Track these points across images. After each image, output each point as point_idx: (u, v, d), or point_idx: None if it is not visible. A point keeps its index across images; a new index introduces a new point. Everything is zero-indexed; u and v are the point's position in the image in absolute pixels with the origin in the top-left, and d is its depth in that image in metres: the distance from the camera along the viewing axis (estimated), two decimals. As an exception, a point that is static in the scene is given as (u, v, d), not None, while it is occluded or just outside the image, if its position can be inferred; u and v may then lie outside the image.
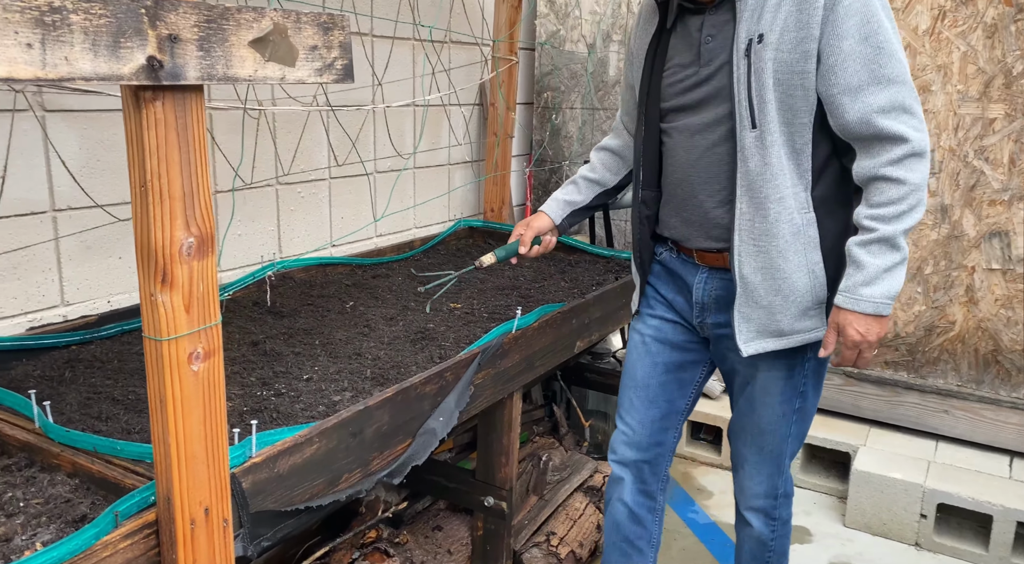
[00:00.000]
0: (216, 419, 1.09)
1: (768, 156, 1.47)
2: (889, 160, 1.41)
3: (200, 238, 1.03)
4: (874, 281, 1.42)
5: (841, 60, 1.41)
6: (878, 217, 1.42)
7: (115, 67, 0.89)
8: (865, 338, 1.45)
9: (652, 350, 1.78)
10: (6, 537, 1.03)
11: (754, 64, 1.45)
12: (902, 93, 1.41)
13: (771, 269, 1.52)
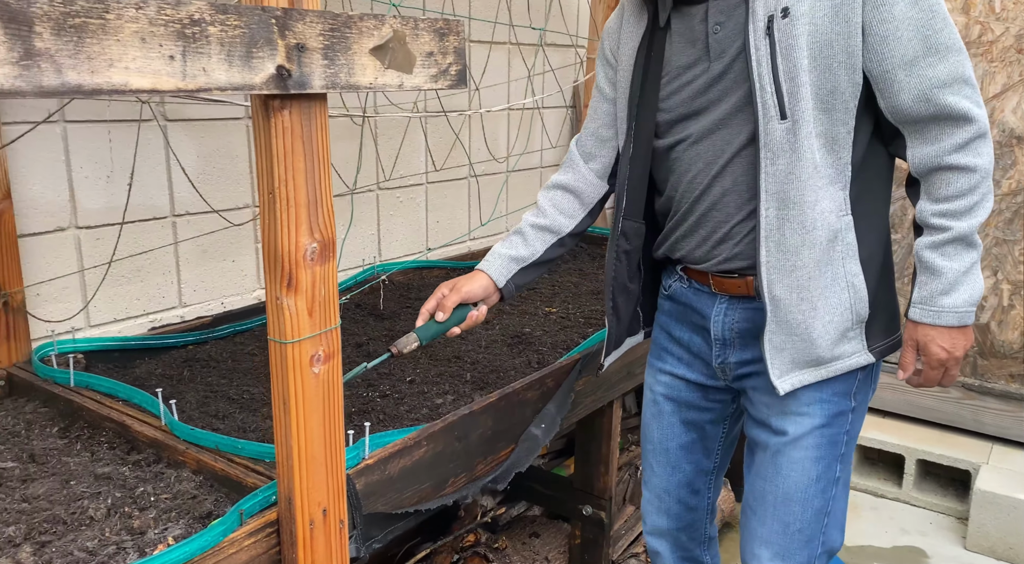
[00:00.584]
0: (334, 421, 1.11)
1: (801, 151, 1.21)
2: (955, 145, 1.19)
3: (322, 243, 1.05)
4: (954, 288, 1.22)
5: (894, 29, 1.16)
6: (949, 213, 1.21)
7: (248, 77, 0.91)
8: (952, 354, 1.25)
9: (665, 410, 1.52)
10: (141, 530, 1.07)
11: (780, 42, 1.20)
12: (961, 62, 1.18)
13: (806, 286, 1.26)
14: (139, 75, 0.81)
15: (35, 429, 1.38)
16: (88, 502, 1.13)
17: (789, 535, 1.35)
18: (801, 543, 1.35)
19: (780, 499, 1.35)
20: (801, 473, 1.33)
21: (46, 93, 0.75)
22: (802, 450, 1.33)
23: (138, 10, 0.80)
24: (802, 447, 1.33)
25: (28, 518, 1.09)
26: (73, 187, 1.66)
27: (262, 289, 2.10)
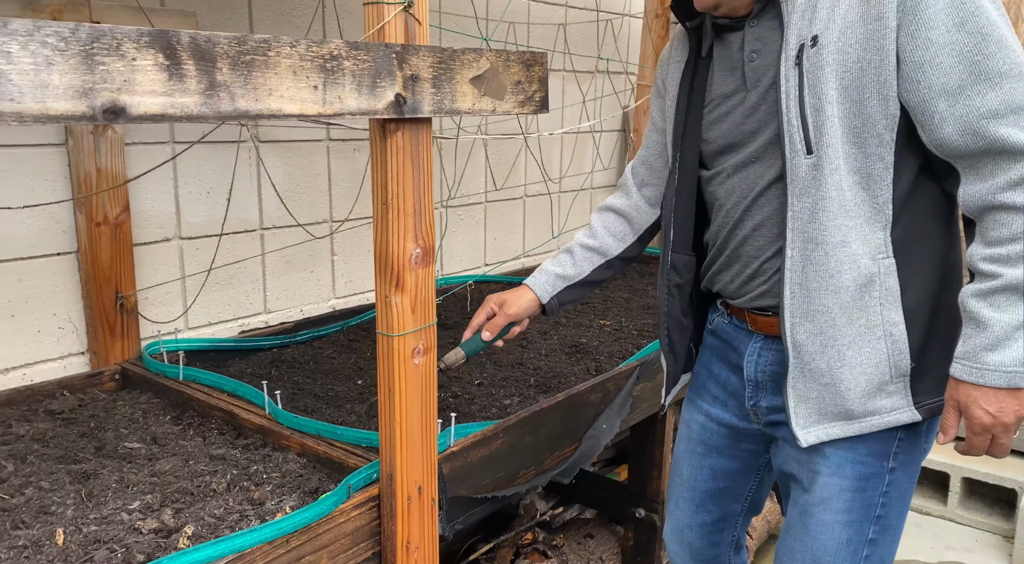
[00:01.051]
0: (429, 409, 1.24)
1: (825, 188, 1.14)
2: (1010, 182, 1.06)
3: (424, 249, 1.19)
4: (1002, 343, 1.07)
5: (932, 55, 1.06)
6: (1000, 258, 1.07)
7: (372, 103, 1.06)
8: (999, 420, 1.08)
9: (697, 451, 1.46)
10: (260, 501, 1.21)
11: (807, 73, 1.13)
12: (1020, 90, 1.05)
13: (830, 333, 1.17)
14: (291, 102, 0.96)
15: (151, 417, 1.53)
16: (210, 478, 1.27)
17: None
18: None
19: (808, 560, 1.27)
20: (830, 537, 1.24)
21: (222, 117, 0.91)
22: (831, 513, 1.24)
23: (292, 48, 0.95)
24: (831, 510, 1.24)
25: (161, 489, 1.23)
26: (179, 201, 1.84)
27: (337, 298, 2.25)
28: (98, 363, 1.70)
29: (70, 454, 1.35)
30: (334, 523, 1.17)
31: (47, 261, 1.63)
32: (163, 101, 0.85)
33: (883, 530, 1.25)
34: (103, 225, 1.65)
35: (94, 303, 1.67)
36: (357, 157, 2.21)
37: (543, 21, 2.74)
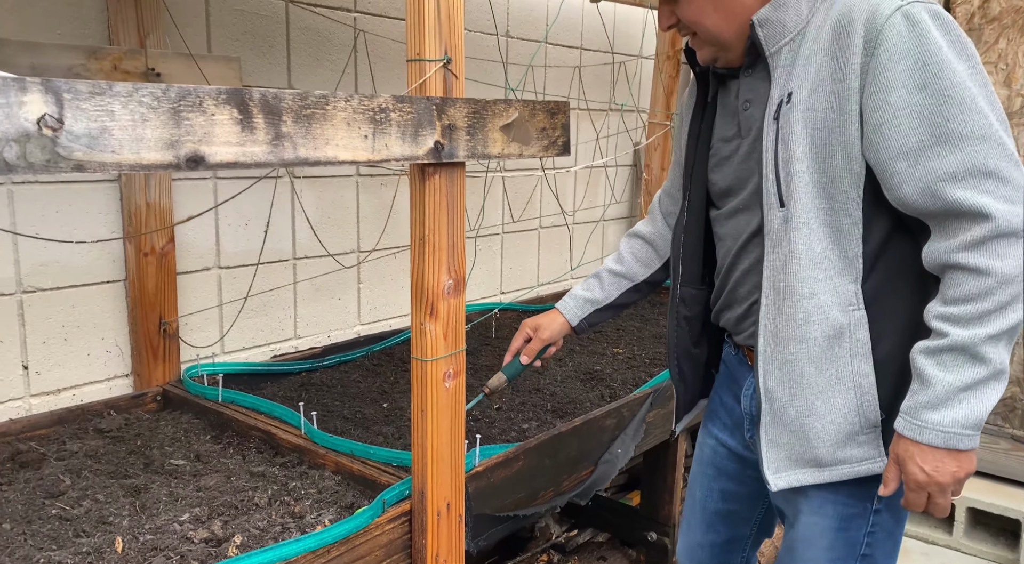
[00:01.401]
0: (458, 429, 1.33)
1: (794, 241, 1.16)
2: (965, 243, 1.05)
3: (456, 280, 1.29)
4: (945, 403, 1.06)
5: (891, 116, 1.07)
6: (951, 317, 1.06)
7: (414, 150, 1.17)
8: (933, 479, 1.07)
9: (708, 473, 1.49)
10: (300, 514, 1.30)
11: (782, 128, 1.16)
12: (982, 152, 1.04)
13: (799, 383, 1.19)
14: (344, 150, 1.07)
15: (192, 436, 1.63)
16: (252, 492, 1.37)
17: None
18: None
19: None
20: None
21: (285, 164, 1.02)
22: (814, 551, 1.25)
23: (346, 102, 1.06)
24: (815, 548, 1.25)
25: (208, 502, 1.33)
26: (219, 234, 1.95)
27: (362, 324, 2.35)
28: (141, 384, 1.80)
29: (121, 469, 1.45)
30: (370, 536, 1.25)
31: (98, 288, 1.75)
32: (236, 150, 0.96)
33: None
34: (150, 255, 1.77)
35: (139, 328, 1.78)
36: (384, 192, 2.32)
37: (560, 63, 2.87)
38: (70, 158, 0.82)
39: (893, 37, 1.06)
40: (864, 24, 1.08)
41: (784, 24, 1.17)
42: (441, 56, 1.21)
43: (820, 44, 1.13)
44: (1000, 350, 1.05)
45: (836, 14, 1.12)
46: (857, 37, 1.09)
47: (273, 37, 1.99)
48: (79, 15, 1.65)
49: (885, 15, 1.07)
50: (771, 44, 1.19)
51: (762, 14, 1.18)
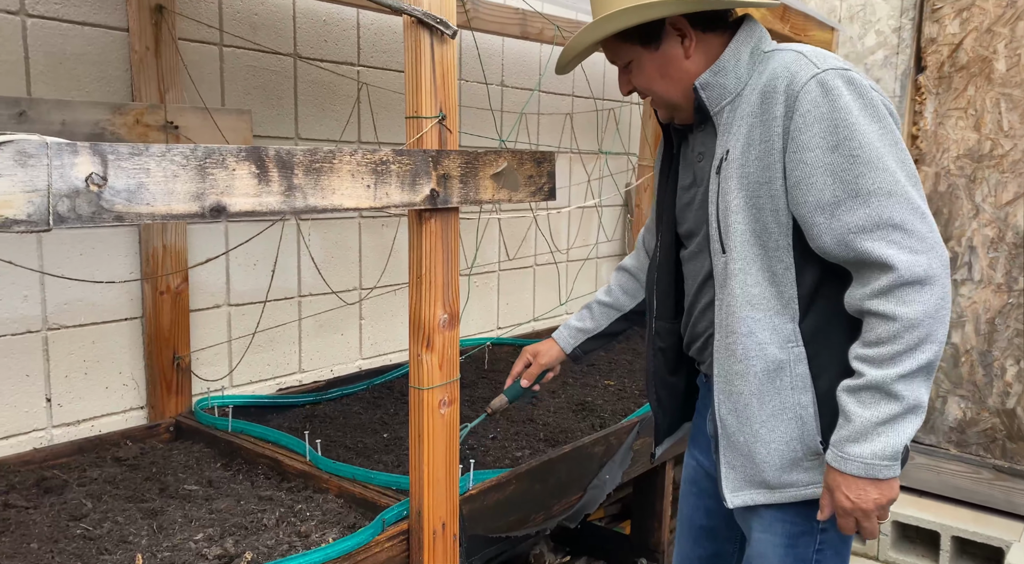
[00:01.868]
0: (452, 454, 1.43)
1: (732, 284, 1.27)
2: (875, 291, 1.15)
3: (451, 315, 1.41)
4: (864, 437, 1.16)
5: (807, 174, 1.18)
6: (867, 359, 1.17)
7: (412, 197, 1.29)
8: (857, 505, 1.19)
9: (693, 491, 1.59)
10: (306, 534, 1.39)
11: (722, 182, 1.27)
12: (887, 207, 1.14)
13: (744, 413, 1.29)
14: (349, 198, 1.20)
15: (204, 463, 1.73)
16: (260, 514, 1.47)
17: None
18: None
19: None
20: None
21: (296, 212, 1.14)
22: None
23: (351, 156, 1.19)
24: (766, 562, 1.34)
25: (220, 524, 1.42)
26: (229, 273, 2.08)
27: (364, 359, 2.46)
28: (155, 416, 1.91)
29: (138, 494, 1.55)
30: (370, 552, 1.35)
31: (116, 325, 1.86)
32: (254, 200, 1.08)
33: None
34: (166, 294, 1.89)
35: (155, 363, 1.89)
36: (385, 232, 2.45)
37: (552, 110, 3.03)
38: (112, 210, 0.95)
39: (808, 102, 1.18)
40: (784, 90, 1.20)
41: (724, 87, 1.29)
42: (436, 113, 1.35)
43: (751, 107, 1.25)
44: (914, 387, 1.15)
45: (764, 79, 1.24)
46: (779, 102, 1.20)
47: (282, 90, 2.14)
48: (104, 74, 1.79)
49: (802, 82, 1.19)
50: (713, 105, 1.30)
51: (703, 79, 1.29)
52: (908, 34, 2.98)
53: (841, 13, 3.12)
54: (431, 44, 1.31)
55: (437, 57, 1.33)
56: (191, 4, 1.92)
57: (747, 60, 1.29)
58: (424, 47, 1.31)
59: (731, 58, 1.29)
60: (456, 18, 1.36)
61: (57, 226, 0.90)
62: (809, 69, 1.20)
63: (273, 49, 2.10)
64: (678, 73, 1.32)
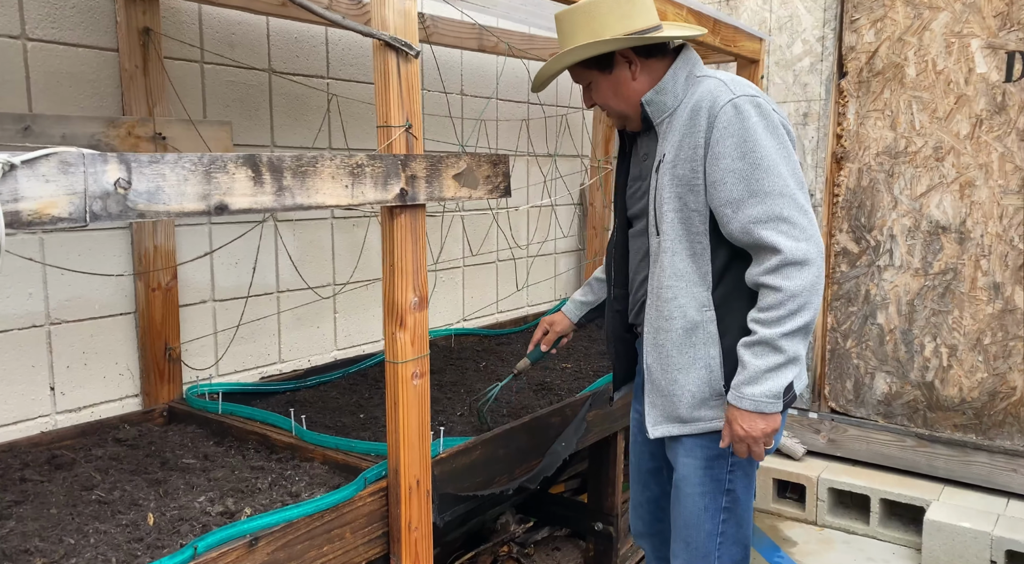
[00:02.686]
0: (424, 419, 1.64)
1: (663, 260, 1.59)
2: (766, 269, 1.48)
3: (420, 298, 1.62)
4: (756, 380, 1.48)
5: (721, 176, 1.51)
6: (759, 320, 1.49)
7: (384, 195, 1.50)
8: (749, 433, 1.50)
9: (638, 439, 1.88)
10: (296, 493, 1.59)
11: (659, 179, 1.59)
12: (779, 204, 1.47)
13: (666, 361, 1.61)
14: (330, 197, 1.40)
15: (198, 442, 1.91)
16: (254, 480, 1.65)
17: (690, 551, 1.69)
18: (700, 557, 1.68)
19: (681, 523, 1.69)
20: (692, 505, 1.66)
21: (286, 209, 1.34)
22: (691, 486, 1.66)
23: (331, 161, 1.40)
24: (691, 484, 1.66)
25: (219, 488, 1.61)
26: (213, 271, 2.25)
27: (339, 349, 2.65)
28: (149, 402, 2.08)
29: (142, 468, 1.73)
30: (354, 506, 1.55)
31: (113, 320, 2.03)
32: (250, 200, 1.28)
33: (734, 500, 1.66)
34: (157, 290, 2.06)
35: (148, 354, 2.06)
36: (356, 231, 2.65)
37: (509, 117, 3.25)
38: (136, 209, 1.14)
39: (724, 121, 1.51)
40: (707, 110, 1.54)
41: (664, 103, 1.62)
42: (404, 122, 1.55)
43: (683, 120, 1.58)
44: (794, 343, 1.48)
45: (694, 100, 1.57)
46: (703, 118, 1.54)
47: (258, 102, 2.33)
48: (98, 91, 1.97)
49: (720, 104, 1.52)
50: (656, 117, 1.64)
51: (647, 97, 1.63)
52: (831, 43, 3.27)
53: (771, 24, 3.40)
54: (397, 63, 1.52)
55: (403, 74, 1.54)
56: (175, 25, 2.10)
57: (683, 82, 1.62)
58: (392, 66, 1.52)
59: (670, 81, 1.62)
60: (418, 34, 1.57)
61: (93, 222, 1.09)
62: (727, 94, 1.53)
63: (249, 65, 2.29)
64: (627, 92, 1.65)
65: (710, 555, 1.67)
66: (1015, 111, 2.96)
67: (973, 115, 3.04)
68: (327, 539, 1.50)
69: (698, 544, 1.67)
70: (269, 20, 2.33)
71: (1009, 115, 2.97)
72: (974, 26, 3.00)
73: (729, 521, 1.66)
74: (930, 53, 3.09)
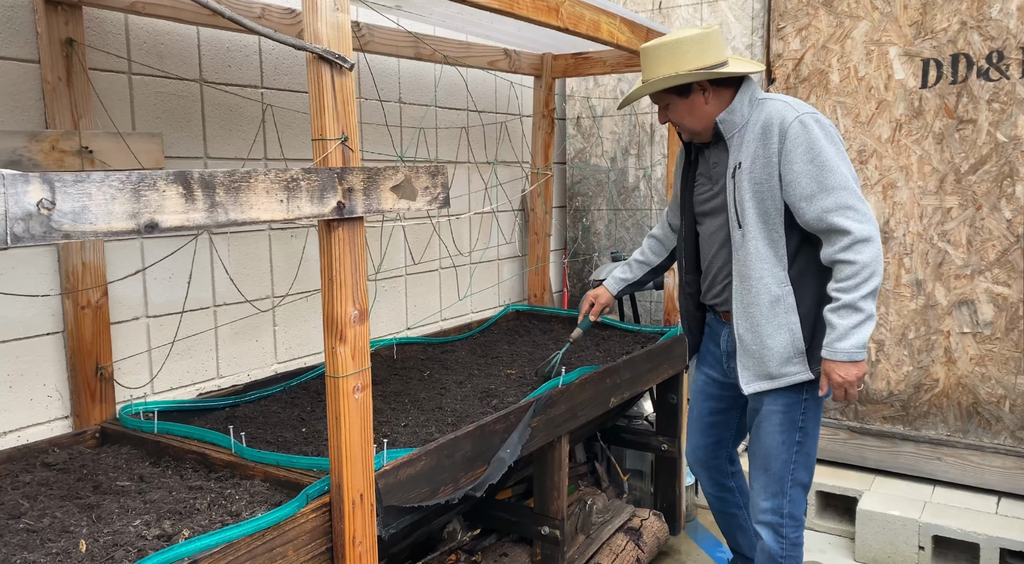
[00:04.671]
0: (367, 433, 1.63)
1: (747, 247, 2.06)
2: (840, 247, 1.93)
3: (360, 311, 1.61)
4: (845, 336, 1.93)
5: (795, 177, 1.96)
6: (840, 289, 1.94)
7: (320, 209, 1.49)
8: (845, 379, 1.96)
9: (700, 397, 2.41)
10: (236, 513, 1.56)
11: (737, 183, 2.06)
12: (844, 196, 1.93)
13: (756, 329, 2.08)
14: (264, 212, 1.39)
15: (133, 463, 1.86)
16: (193, 501, 1.62)
17: (769, 475, 2.17)
18: (776, 479, 2.16)
19: (761, 454, 2.18)
20: (771, 440, 2.15)
21: (219, 226, 1.32)
22: (772, 426, 2.14)
23: (265, 176, 1.38)
24: (772, 424, 2.14)
25: (155, 510, 1.57)
26: (146, 287, 2.20)
27: (279, 363, 2.61)
28: (80, 424, 2.01)
29: (73, 493, 1.67)
30: (296, 523, 1.53)
31: (39, 340, 1.96)
32: (182, 217, 1.26)
33: (805, 436, 2.15)
34: (87, 308, 2.00)
35: (78, 374, 2.00)
36: (294, 243, 2.62)
37: (449, 125, 3.26)
38: (60, 230, 1.11)
39: (793, 134, 1.97)
40: (778, 126, 1.99)
41: (734, 122, 2.09)
42: (340, 136, 1.55)
43: (754, 135, 2.03)
44: (869, 303, 1.92)
45: (763, 119, 2.02)
46: (775, 133, 1.99)
47: (190, 114, 2.28)
48: (19, 104, 1.90)
49: (789, 121, 1.98)
50: (728, 133, 2.10)
51: (722, 117, 2.09)
52: (759, 50, 3.38)
53: (702, 32, 3.49)
54: (331, 76, 1.52)
55: (338, 87, 1.53)
56: (100, 36, 2.04)
57: (748, 104, 2.08)
58: (326, 79, 1.51)
59: (739, 104, 2.08)
60: (353, 42, 1.56)
61: (14, 244, 1.06)
62: (792, 113, 1.99)
63: (180, 75, 2.24)
64: (701, 113, 2.11)
65: (784, 479, 2.15)
66: (931, 116, 3.11)
67: (893, 120, 3.18)
68: (269, 558, 1.48)
69: (775, 470, 2.15)
70: (199, 30, 2.28)
71: (926, 119, 3.12)
72: (892, 34, 3.14)
73: (800, 452, 2.14)
74: (852, 60, 3.22)
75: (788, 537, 2.22)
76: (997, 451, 3.05)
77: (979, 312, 3.07)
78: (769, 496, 2.19)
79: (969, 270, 3.08)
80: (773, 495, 2.18)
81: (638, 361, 2.84)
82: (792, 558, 2.25)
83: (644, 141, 3.85)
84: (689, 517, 3.42)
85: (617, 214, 3.97)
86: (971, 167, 3.05)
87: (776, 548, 2.22)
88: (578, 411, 2.48)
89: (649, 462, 3.43)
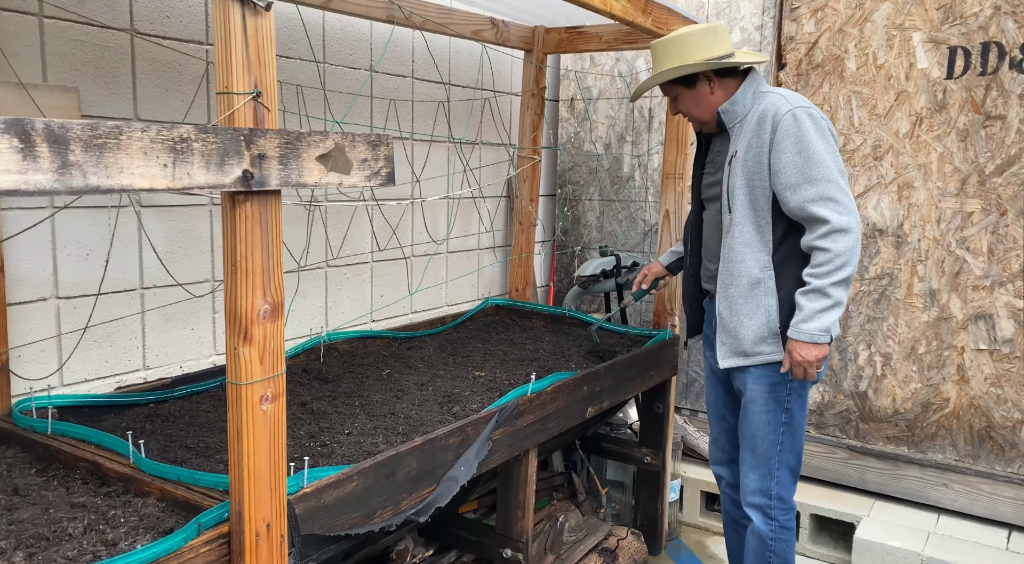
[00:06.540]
0: (278, 451, 1.36)
1: (733, 232, 2.12)
2: (818, 235, 1.99)
3: (273, 305, 1.33)
4: (810, 318, 1.99)
5: (782, 167, 2.02)
6: (812, 274, 2.00)
7: (220, 178, 1.21)
8: (804, 359, 2.01)
9: (711, 380, 2.41)
10: (113, 542, 1.29)
11: (732, 170, 2.12)
12: (826, 187, 1.97)
13: (734, 308, 2.14)
14: (141, 178, 1.11)
15: (15, 470, 1.59)
16: (67, 523, 1.35)
17: (756, 456, 2.19)
18: (764, 460, 2.18)
19: (748, 435, 2.20)
20: (758, 421, 2.17)
21: (74, 192, 1.05)
22: (757, 406, 2.16)
23: (143, 133, 1.10)
24: (757, 404, 2.16)
25: (16, 536, 1.30)
26: (56, 263, 1.92)
27: (218, 354, 2.34)
28: (-35, 420, 1.74)
29: (-73, 506, 1.40)
30: (183, 558, 1.26)
31: (-84, 321, 1.69)
32: (16, 178, 0.98)
33: (791, 417, 2.16)
34: (-24, 286, 1.72)
35: (-36, 361, 1.72)
36: (240, 221, 2.33)
37: (427, 98, 2.97)
38: None
39: (784, 126, 2.01)
40: (771, 118, 2.04)
41: (736, 112, 2.14)
42: (251, 90, 1.27)
43: (751, 125, 2.08)
44: (839, 291, 1.97)
45: (760, 110, 2.08)
46: (768, 124, 2.04)
47: (117, 68, 2.00)
48: None
49: (781, 113, 2.03)
50: (729, 122, 2.15)
51: (724, 107, 2.15)
52: (770, 32, 3.08)
53: (708, 10, 3.20)
54: (242, 15, 1.23)
55: (250, 30, 1.25)
56: (1, -31, 1.75)
57: (751, 96, 2.13)
58: (234, 19, 1.23)
59: (741, 95, 2.13)
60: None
61: None
62: (786, 106, 2.04)
63: (104, 23, 1.95)
64: (707, 103, 2.18)
65: (771, 459, 2.17)
66: (955, 110, 2.81)
67: (913, 113, 2.89)
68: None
69: (762, 451, 2.17)
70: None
71: (949, 114, 2.83)
72: (916, 19, 2.84)
73: (787, 433, 2.16)
74: (871, 46, 2.92)
75: (777, 519, 2.20)
76: (1011, 481, 2.78)
77: (997, 328, 2.79)
78: (757, 477, 2.19)
79: (989, 281, 2.80)
80: (761, 477, 2.18)
81: (621, 367, 2.57)
82: (782, 541, 2.21)
83: (642, 127, 3.56)
84: (672, 535, 3.15)
85: (610, 205, 3.69)
86: (997, 168, 2.76)
87: (766, 530, 2.20)
88: (549, 422, 2.21)
89: (631, 474, 3.17)
